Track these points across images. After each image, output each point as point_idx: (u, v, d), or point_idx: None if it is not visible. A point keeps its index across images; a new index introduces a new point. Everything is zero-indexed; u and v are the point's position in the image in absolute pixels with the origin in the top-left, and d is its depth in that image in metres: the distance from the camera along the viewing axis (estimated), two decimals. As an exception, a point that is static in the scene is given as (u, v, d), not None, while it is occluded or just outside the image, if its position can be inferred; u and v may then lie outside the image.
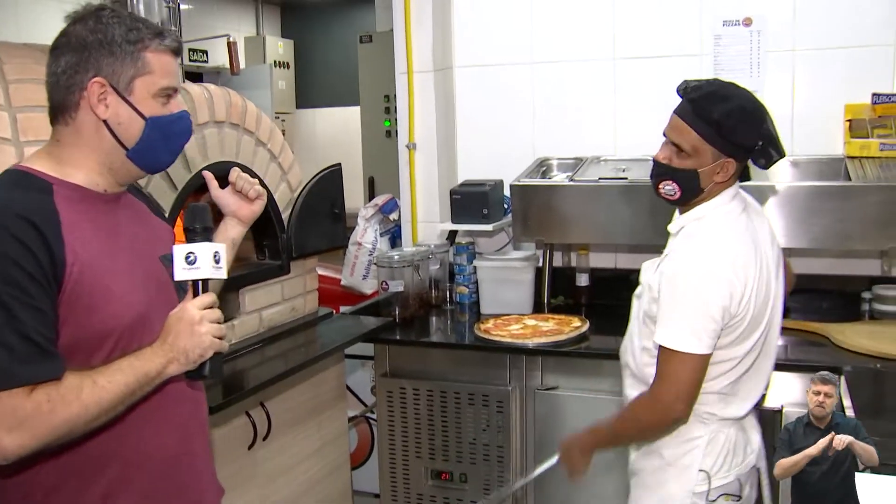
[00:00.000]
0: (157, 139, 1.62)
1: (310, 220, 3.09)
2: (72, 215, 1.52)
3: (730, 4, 3.38)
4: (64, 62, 1.56)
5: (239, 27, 8.44)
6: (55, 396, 1.42)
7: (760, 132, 2.03)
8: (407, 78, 4.00)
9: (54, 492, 1.55)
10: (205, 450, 1.82)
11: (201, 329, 1.55)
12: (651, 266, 2.19)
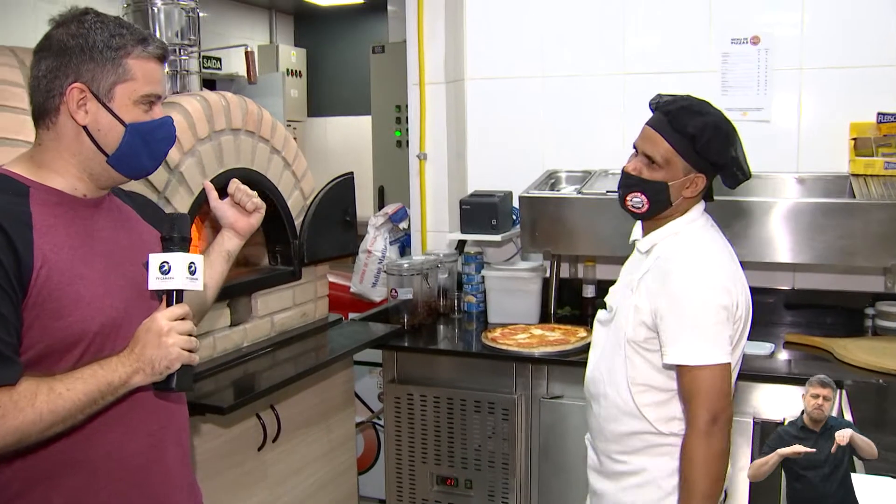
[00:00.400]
0: (138, 145, 1.61)
1: (322, 227, 3.14)
2: (46, 219, 1.52)
3: (738, 23, 3.43)
4: (45, 66, 1.56)
5: (252, 35, 8.50)
6: (6, 402, 1.39)
7: (732, 151, 2.04)
8: (419, 89, 4.06)
9: (17, 497, 1.52)
10: (181, 460, 1.78)
11: (168, 340, 1.52)
12: (623, 290, 2.15)
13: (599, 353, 2.20)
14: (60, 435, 1.49)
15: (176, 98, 2.66)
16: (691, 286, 2.01)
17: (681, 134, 2.02)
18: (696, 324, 1.98)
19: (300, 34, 9.25)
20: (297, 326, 3.12)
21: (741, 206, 3.01)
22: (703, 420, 1.97)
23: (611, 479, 2.18)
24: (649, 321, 2.04)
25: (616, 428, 2.13)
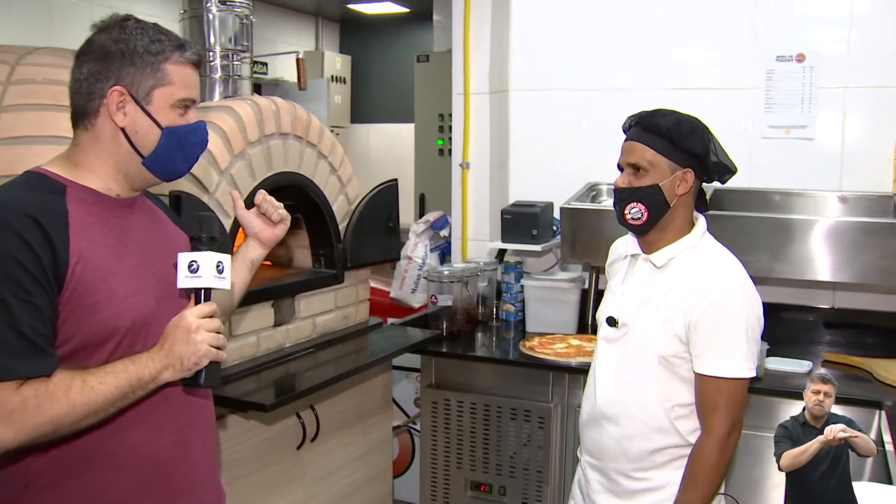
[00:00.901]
0: (173, 148, 1.65)
1: (365, 232, 3.19)
2: (82, 217, 1.56)
3: (784, 40, 3.43)
4: (86, 69, 1.60)
5: (298, 42, 8.62)
6: (43, 393, 1.44)
7: (708, 141, 2.08)
8: (464, 99, 4.10)
9: (49, 487, 1.57)
10: (206, 458, 1.81)
11: (197, 337, 1.56)
12: (638, 305, 2.13)
13: (613, 372, 2.18)
14: (91, 428, 1.54)
15: (227, 102, 2.73)
16: (733, 299, 2.03)
17: (656, 134, 2.07)
18: (734, 336, 2.02)
19: (345, 41, 9.36)
20: (339, 329, 3.18)
21: (782, 224, 3.01)
22: (724, 430, 2.03)
23: (628, 499, 2.17)
24: (682, 334, 2.06)
25: (643, 446, 2.13)
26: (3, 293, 1.43)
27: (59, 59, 2.45)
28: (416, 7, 8.17)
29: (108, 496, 1.60)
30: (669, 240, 2.12)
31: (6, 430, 1.42)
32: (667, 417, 2.10)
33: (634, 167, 2.10)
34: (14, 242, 1.45)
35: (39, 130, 2.22)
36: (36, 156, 2.15)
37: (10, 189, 1.57)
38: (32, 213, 1.48)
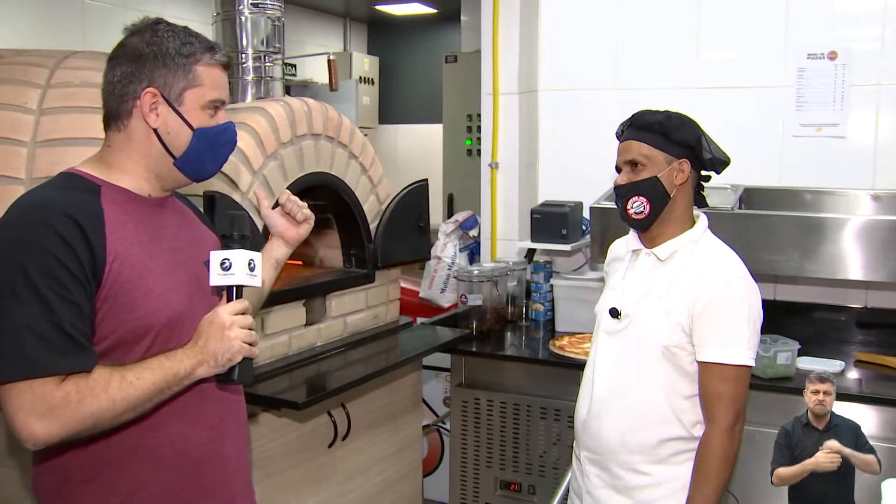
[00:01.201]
0: (204, 149, 1.68)
1: (396, 232, 3.21)
2: (117, 215, 1.58)
3: (816, 38, 3.41)
4: (119, 72, 1.63)
5: (327, 43, 8.67)
6: (84, 388, 1.47)
7: (698, 131, 2.15)
8: (493, 99, 4.12)
9: (88, 481, 1.60)
10: (239, 454, 1.83)
11: (231, 334, 1.59)
12: (640, 297, 2.17)
13: (614, 363, 2.21)
14: (128, 424, 1.57)
15: (260, 103, 2.76)
16: (736, 290, 2.09)
17: (649, 131, 2.14)
18: (737, 325, 2.07)
19: (373, 42, 9.40)
20: (369, 328, 3.20)
21: (813, 222, 2.99)
22: (728, 420, 2.06)
23: (631, 494, 2.19)
24: (686, 325, 2.10)
25: (646, 437, 2.15)
26: (44, 291, 1.45)
27: (96, 62, 2.49)
28: (443, 8, 8.19)
29: (144, 491, 1.63)
30: (671, 234, 2.17)
31: (50, 424, 1.45)
32: (669, 407, 2.13)
33: (632, 164, 2.16)
34: (54, 241, 1.48)
35: (78, 132, 2.26)
36: (74, 157, 2.18)
37: (47, 189, 1.60)
38: (71, 213, 1.51)
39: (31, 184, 2.18)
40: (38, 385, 1.45)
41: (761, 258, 3.01)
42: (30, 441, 1.46)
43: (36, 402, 1.44)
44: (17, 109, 2.26)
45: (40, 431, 1.45)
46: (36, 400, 1.44)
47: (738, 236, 3.02)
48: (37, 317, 1.45)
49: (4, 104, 2.26)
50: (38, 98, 2.30)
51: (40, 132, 2.25)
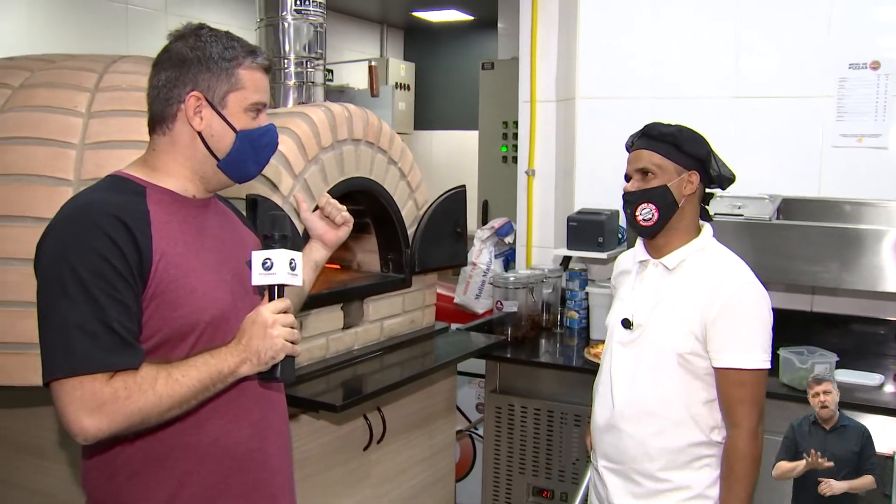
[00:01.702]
0: (247, 151, 1.71)
1: (433, 238, 3.22)
2: (162, 216, 1.62)
3: (857, 47, 3.38)
4: (164, 76, 1.67)
5: (364, 49, 8.74)
6: (132, 384, 1.51)
7: (708, 146, 2.19)
8: (530, 106, 4.13)
9: (135, 476, 1.63)
10: (281, 451, 1.86)
11: (273, 332, 1.62)
12: (652, 307, 2.20)
13: (631, 374, 2.23)
14: (173, 421, 1.60)
15: (302, 108, 2.79)
16: (747, 295, 2.12)
17: (661, 141, 2.18)
18: (751, 330, 2.11)
19: (410, 48, 9.45)
20: (406, 332, 3.22)
21: (852, 234, 2.97)
22: (752, 422, 2.10)
23: (652, 500, 2.21)
24: (699, 332, 2.13)
25: (665, 443, 2.17)
26: (93, 290, 1.49)
27: (142, 66, 2.53)
28: (480, 14, 8.22)
29: (188, 487, 1.67)
30: (678, 244, 2.21)
31: (99, 419, 1.48)
32: (688, 413, 2.16)
33: (643, 172, 2.20)
34: (103, 242, 1.52)
35: (124, 135, 2.30)
36: (120, 159, 2.22)
37: (95, 192, 1.64)
38: (118, 214, 1.55)
39: (79, 185, 2.22)
40: (88, 381, 1.48)
41: (799, 269, 3.00)
42: (80, 436, 1.49)
43: (86, 398, 1.48)
44: (67, 112, 2.30)
45: (90, 426, 1.48)
46: (86, 396, 1.48)
47: (775, 247, 3.02)
48: (86, 315, 1.49)
49: (55, 107, 2.31)
50: (88, 102, 2.35)
51: (89, 135, 2.29)
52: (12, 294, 2.17)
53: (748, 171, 3.55)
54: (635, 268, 2.31)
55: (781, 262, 3.03)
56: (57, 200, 2.17)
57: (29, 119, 2.30)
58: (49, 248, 1.56)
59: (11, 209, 2.20)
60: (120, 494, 1.64)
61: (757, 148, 3.55)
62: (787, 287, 3.40)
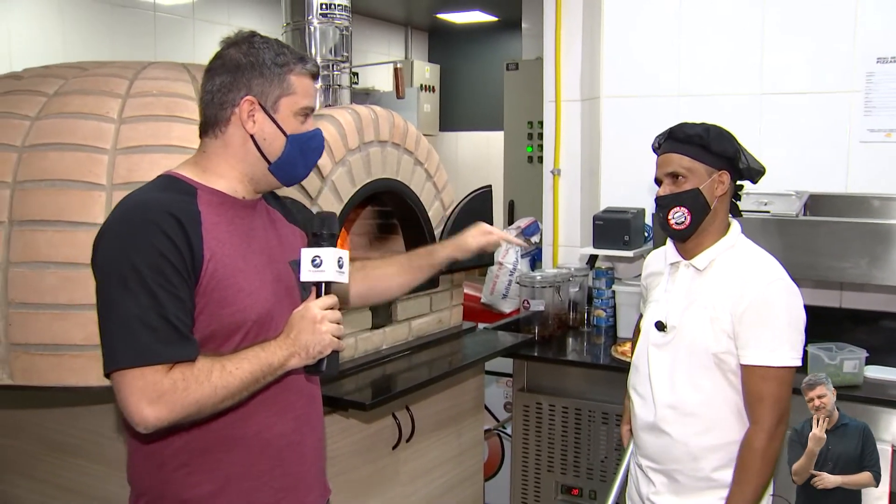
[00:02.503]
0: (296, 154, 1.77)
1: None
2: (212, 217, 1.68)
3: (885, 41, 3.36)
4: (219, 81, 1.72)
5: (389, 51, 8.78)
6: (189, 376, 1.56)
7: (736, 143, 2.18)
8: (555, 106, 4.14)
9: (182, 467, 1.69)
10: (316, 445, 1.92)
11: (322, 328, 1.68)
12: (684, 308, 2.21)
13: (668, 376, 2.23)
14: (220, 413, 1.65)
15: (328, 111, 2.82)
16: (776, 291, 2.12)
17: (689, 143, 2.17)
18: (778, 326, 2.10)
19: (434, 50, 9.48)
20: (433, 332, 3.24)
21: (880, 229, 2.96)
22: (772, 421, 2.09)
23: (694, 498, 2.22)
24: (730, 330, 2.13)
25: (709, 442, 2.18)
26: (153, 285, 1.55)
27: (171, 72, 2.58)
28: (504, 15, 8.23)
29: (233, 478, 1.73)
30: (709, 244, 2.21)
31: (159, 409, 1.54)
32: (728, 409, 2.17)
33: (673, 176, 2.20)
34: (161, 239, 1.57)
35: (154, 140, 2.34)
36: (150, 164, 2.29)
37: (150, 191, 1.70)
38: (174, 212, 1.61)
39: (111, 189, 2.26)
40: (150, 373, 1.54)
41: (827, 265, 2.99)
42: (141, 425, 1.55)
43: (147, 389, 1.54)
44: (99, 118, 2.35)
45: (150, 416, 1.54)
46: (147, 386, 1.54)
47: (803, 243, 3.01)
48: (146, 309, 1.55)
49: (88, 113, 2.36)
50: (119, 107, 2.39)
51: (120, 140, 2.34)
52: (48, 297, 2.22)
53: (775, 168, 3.54)
54: (667, 269, 2.32)
55: (809, 259, 3.02)
56: (90, 205, 2.24)
57: (63, 125, 2.35)
58: (109, 245, 1.61)
59: (46, 214, 2.25)
60: (167, 484, 1.70)
61: (784, 144, 3.54)
62: (815, 283, 3.38)
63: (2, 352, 2.26)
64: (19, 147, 2.34)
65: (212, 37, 6.25)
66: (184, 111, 2.40)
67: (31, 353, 2.23)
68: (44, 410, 2.70)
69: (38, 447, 2.72)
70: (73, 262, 2.21)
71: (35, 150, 2.32)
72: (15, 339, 2.24)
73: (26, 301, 2.23)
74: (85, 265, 2.19)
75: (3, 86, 2.58)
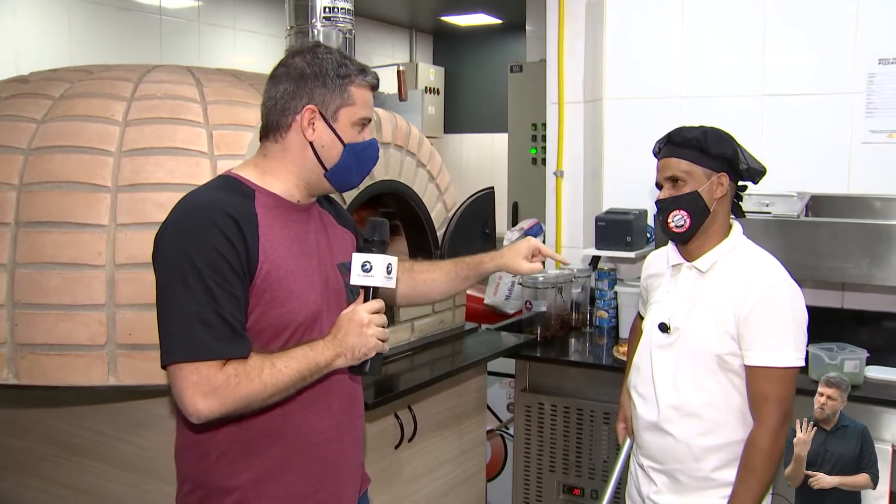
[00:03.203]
0: (352, 163, 1.83)
1: (462, 239, 3.26)
2: (267, 219, 1.73)
3: (887, 42, 3.37)
4: (282, 88, 1.78)
5: (393, 54, 8.81)
6: (242, 372, 1.62)
7: (734, 144, 2.19)
8: (558, 108, 4.16)
9: (223, 457, 1.76)
10: (354, 443, 1.97)
11: (368, 331, 1.75)
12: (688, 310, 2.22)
13: (671, 377, 2.25)
14: (265, 409, 1.72)
15: (331, 113, 2.84)
16: (779, 292, 2.13)
17: (687, 147, 2.19)
18: (782, 327, 2.11)
19: (439, 53, 9.50)
20: (436, 332, 3.26)
21: (881, 230, 2.97)
22: (776, 420, 2.11)
23: (695, 498, 2.24)
24: (733, 331, 2.15)
25: (711, 443, 2.20)
26: (209, 283, 1.61)
27: (176, 75, 2.60)
28: (508, 18, 8.24)
29: (274, 470, 1.78)
30: (711, 246, 2.23)
31: (212, 402, 1.61)
32: (730, 410, 2.19)
33: (672, 180, 2.22)
34: (219, 238, 1.63)
35: (159, 143, 2.36)
36: (155, 166, 2.31)
37: (210, 190, 1.75)
38: (232, 213, 1.67)
39: (116, 191, 2.29)
40: (205, 368, 1.60)
41: (828, 266, 3.00)
42: (194, 416, 1.61)
43: (201, 383, 1.60)
44: (105, 121, 2.37)
45: (204, 408, 1.60)
46: (202, 381, 1.60)
47: (804, 244, 3.02)
48: (203, 306, 1.61)
49: (93, 116, 2.38)
50: (124, 110, 2.42)
51: (125, 142, 2.36)
52: (53, 297, 2.25)
53: (777, 169, 3.54)
54: (669, 271, 2.33)
55: (811, 260, 3.03)
56: (95, 206, 2.27)
57: (68, 128, 2.37)
58: (170, 243, 1.66)
59: (51, 215, 2.28)
60: (210, 473, 1.77)
61: (785, 145, 3.55)
62: (816, 284, 3.39)
63: (8, 352, 2.28)
64: (25, 150, 2.37)
65: (217, 41, 6.36)
66: (188, 114, 2.43)
67: (36, 353, 2.26)
68: (50, 410, 2.72)
69: (45, 446, 2.74)
70: (78, 262, 2.24)
71: (41, 152, 2.35)
72: (21, 340, 2.27)
73: (32, 301, 2.26)
74: (90, 266, 2.24)
75: (9, 89, 2.61)
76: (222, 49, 6.41)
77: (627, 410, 2.50)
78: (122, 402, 2.52)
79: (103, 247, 2.25)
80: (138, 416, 2.53)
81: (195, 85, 2.55)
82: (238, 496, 1.76)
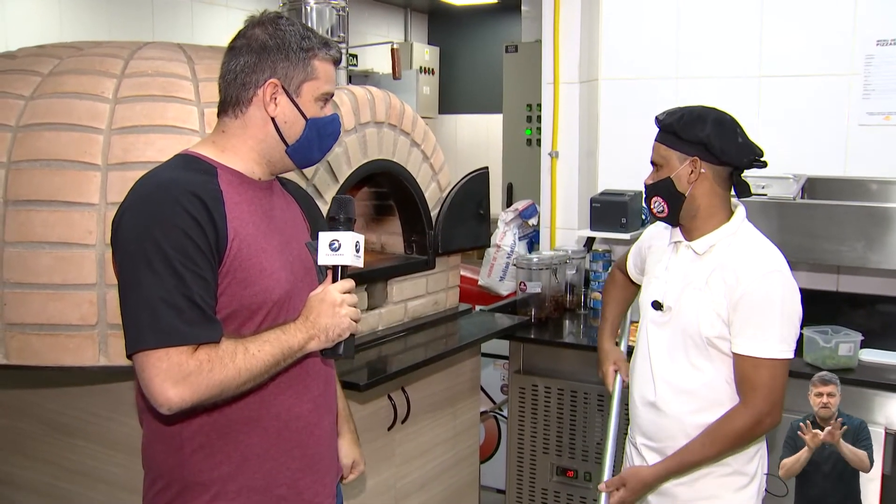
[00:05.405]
0: (314, 138, 1.77)
1: (456, 219, 3.25)
2: (233, 197, 1.68)
3: (885, 23, 3.34)
4: (243, 61, 1.72)
5: (388, 33, 8.75)
6: (214, 357, 1.56)
7: (709, 126, 2.11)
8: (553, 88, 4.13)
9: (200, 449, 1.69)
10: (331, 427, 1.94)
11: (341, 311, 1.71)
12: (682, 289, 2.21)
13: (666, 354, 2.25)
14: (240, 395, 1.65)
15: (325, 92, 2.81)
16: (770, 282, 2.10)
17: (665, 131, 2.18)
18: (770, 318, 2.09)
19: (434, 33, 9.45)
20: (429, 314, 3.25)
21: (877, 212, 2.95)
22: (760, 410, 2.09)
23: (689, 477, 2.23)
24: (725, 316, 2.13)
25: (704, 421, 2.17)
26: (177, 265, 1.54)
27: (167, 52, 2.57)
28: (504, -3, 8.20)
29: (252, 459, 1.73)
30: (708, 228, 2.20)
31: (183, 390, 1.53)
32: (724, 391, 2.17)
33: (655, 164, 2.22)
34: (184, 218, 1.57)
35: (149, 120, 2.33)
36: (146, 144, 2.28)
37: (170, 170, 1.69)
38: (197, 192, 1.60)
39: (106, 169, 2.26)
40: (175, 354, 1.53)
41: (824, 248, 2.98)
42: (165, 406, 1.54)
43: (172, 370, 1.53)
44: (95, 98, 2.34)
45: (175, 397, 1.53)
46: (172, 368, 1.53)
47: (800, 226, 3.01)
48: (171, 289, 1.54)
49: (83, 93, 2.35)
50: (114, 87, 2.39)
51: (115, 120, 2.33)
52: (43, 277, 2.22)
53: (773, 151, 3.52)
54: (670, 247, 2.31)
55: (806, 242, 3.01)
56: (85, 185, 2.24)
57: (57, 105, 2.34)
58: (131, 225, 1.59)
59: (41, 194, 2.25)
60: (185, 466, 1.70)
61: (782, 127, 3.53)
62: (812, 266, 3.39)
63: (-3, 332, 2.26)
64: (14, 127, 2.33)
65: (210, 19, 6.30)
66: (179, 91, 2.39)
67: (26, 333, 2.24)
68: (43, 391, 2.70)
69: (37, 427, 2.73)
70: (67, 241, 2.21)
71: (30, 129, 2.31)
72: (10, 319, 2.24)
73: (21, 281, 2.23)
74: (80, 245, 2.21)
75: (-3, 66, 2.58)
76: (216, 27, 6.35)
77: (615, 353, 2.55)
78: (114, 382, 2.50)
79: (94, 226, 2.22)
80: (130, 396, 2.51)
81: (186, 62, 2.51)
82: (216, 490, 1.71)
